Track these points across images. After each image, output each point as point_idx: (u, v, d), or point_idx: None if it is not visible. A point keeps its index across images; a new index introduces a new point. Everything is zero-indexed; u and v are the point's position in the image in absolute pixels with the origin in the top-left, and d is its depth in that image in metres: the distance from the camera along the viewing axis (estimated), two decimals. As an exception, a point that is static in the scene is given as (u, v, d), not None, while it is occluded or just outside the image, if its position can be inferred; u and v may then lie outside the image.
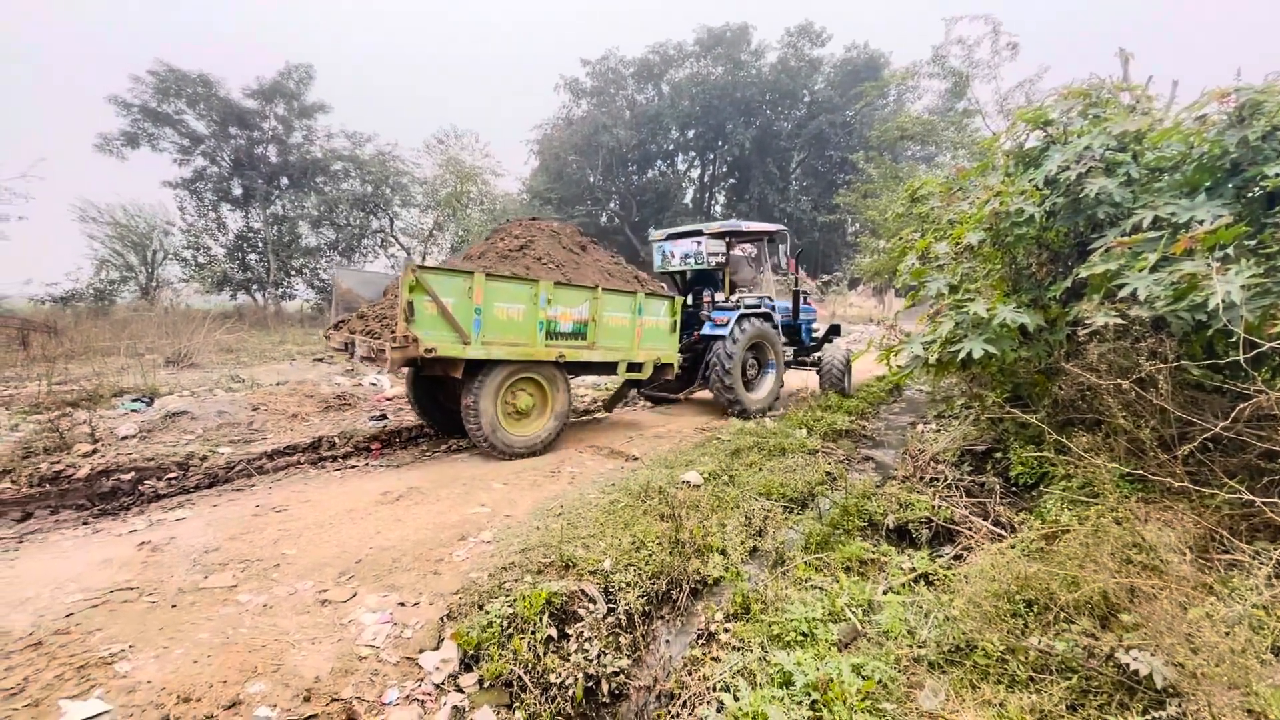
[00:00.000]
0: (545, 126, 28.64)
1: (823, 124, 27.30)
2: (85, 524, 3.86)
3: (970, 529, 3.83)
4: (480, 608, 2.97)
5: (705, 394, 8.55)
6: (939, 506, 4.23)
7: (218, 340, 11.44)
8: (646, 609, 3.21)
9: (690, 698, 2.46)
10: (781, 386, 8.18)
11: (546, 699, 2.54)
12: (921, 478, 4.91)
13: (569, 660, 2.73)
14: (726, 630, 2.89)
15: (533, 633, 2.79)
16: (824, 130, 27.42)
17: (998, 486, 4.37)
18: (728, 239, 7.97)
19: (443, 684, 2.53)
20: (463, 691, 2.51)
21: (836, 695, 2.27)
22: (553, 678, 2.62)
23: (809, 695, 2.33)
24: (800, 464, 5.47)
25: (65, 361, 10.42)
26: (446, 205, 24.20)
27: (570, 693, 2.58)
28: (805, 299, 9.22)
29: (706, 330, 7.67)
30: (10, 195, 15.01)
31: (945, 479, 4.70)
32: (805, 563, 3.51)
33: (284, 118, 23.41)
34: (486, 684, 2.56)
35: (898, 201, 10.02)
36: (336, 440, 5.63)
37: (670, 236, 8.41)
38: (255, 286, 23.08)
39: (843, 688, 2.29)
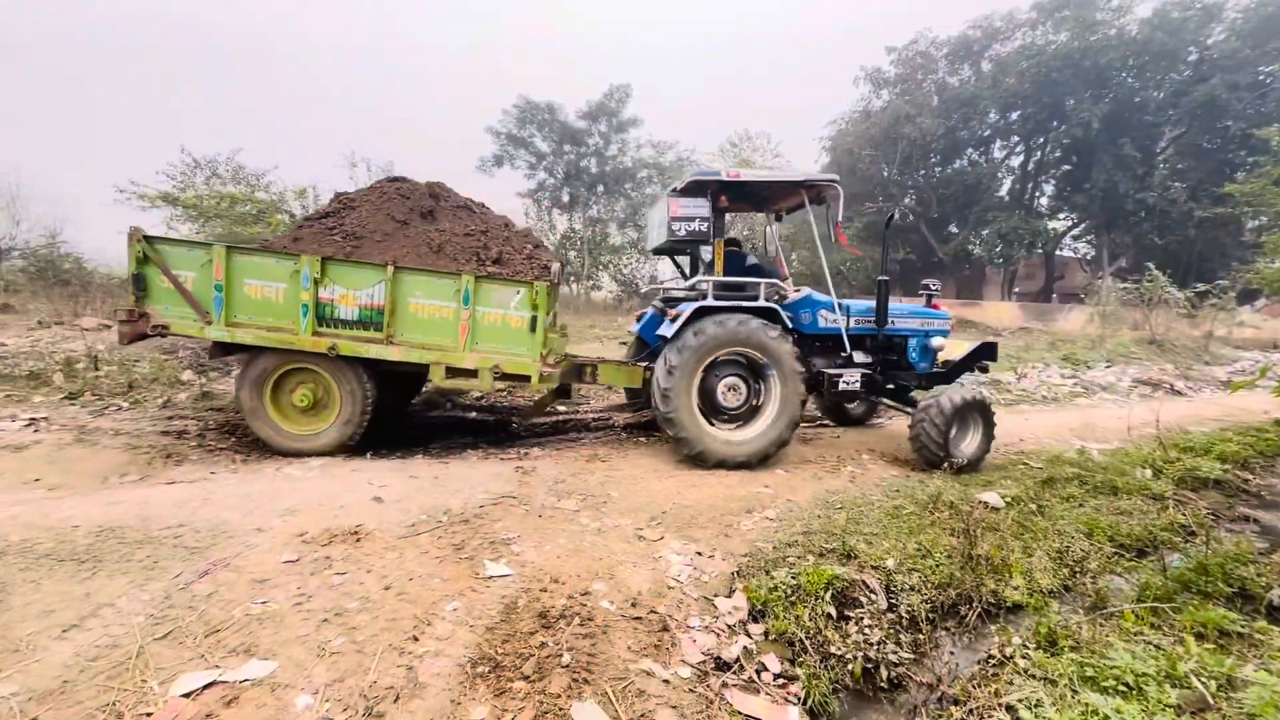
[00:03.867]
0: (840, 121, 27.91)
1: (1217, 88, 21.00)
2: (481, 449, 5.30)
3: None
4: (767, 573, 3.30)
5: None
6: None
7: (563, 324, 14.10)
8: (931, 616, 3.17)
9: (979, 708, 2.41)
10: (795, 425, 5.18)
11: (825, 666, 2.75)
12: (1339, 555, 3.71)
13: (848, 639, 2.89)
14: (1025, 658, 2.71)
15: (814, 606, 3.02)
16: (1219, 96, 21.07)
17: None
18: (713, 193, 5.17)
19: (734, 626, 2.92)
20: (750, 637, 2.87)
21: (1170, 759, 2.01)
22: (832, 649, 2.81)
23: (1131, 748, 2.10)
24: (1138, 508, 4.59)
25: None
26: (734, 205, 25.39)
27: (849, 668, 2.74)
28: (908, 293, 6.41)
29: (663, 331, 5.35)
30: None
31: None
32: (1135, 613, 3.03)
33: (604, 133, 27.21)
34: (771, 637, 2.88)
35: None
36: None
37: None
38: (571, 278, 27.43)
39: (1180, 754, 2.01)
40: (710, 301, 5.10)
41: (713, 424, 5.13)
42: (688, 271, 6.34)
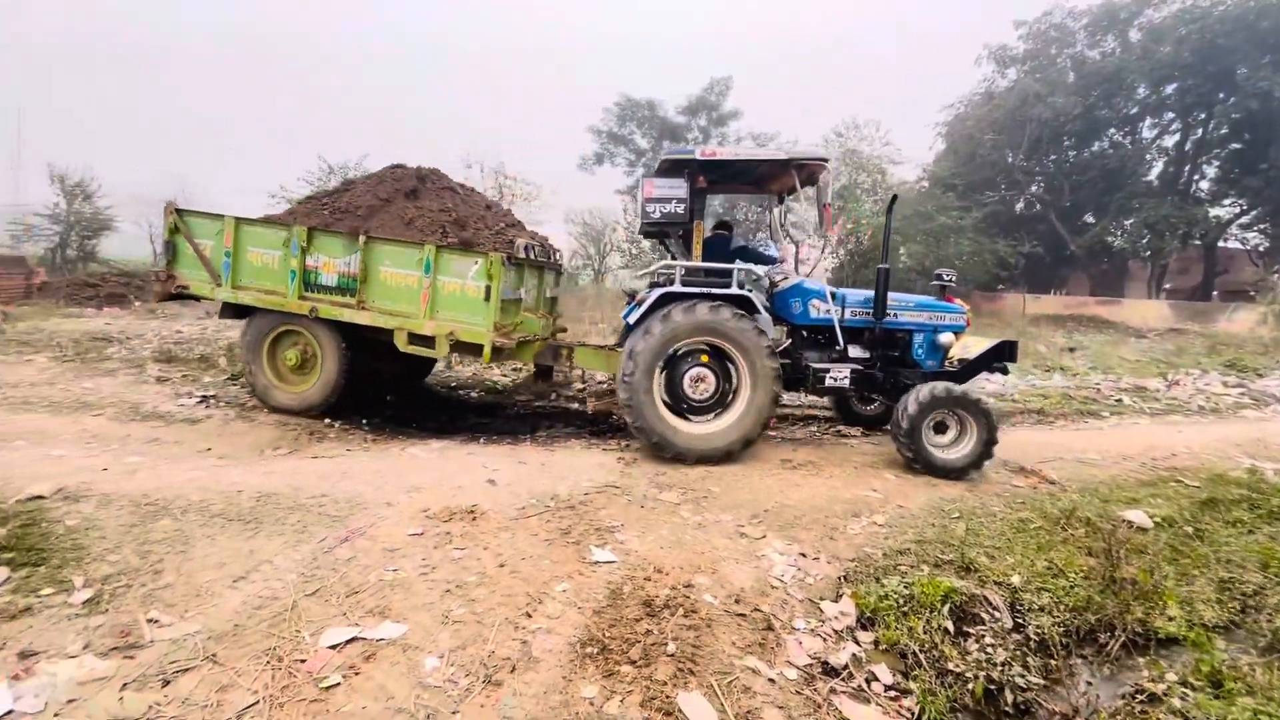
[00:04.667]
0: (958, 105, 25.97)
1: None
2: (584, 439, 5.46)
3: None
4: (876, 580, 3.16)
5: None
6: None
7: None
8: (1064, 641, 2.90)
9: (1125, 746, 2.18)
10: (766, 421, 4.86)
11: (942, 683, 2.59)
12: None
13: (968, 656, 2.71)
14: (1183, 698, 2.42)
15: (929, 618, 2.85)
16: None
17: None
18: (690, 173, 4.88)
19: (842, 632, 2.82)
20: (859, 645, 2.77)
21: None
22: (950, 665, 2.65)
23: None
24: (1328, 539, 3.94)
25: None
26: (838, 197, 24.41)
27: (969, 687, 2.57)
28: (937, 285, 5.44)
29: (628, 317, 5.10)
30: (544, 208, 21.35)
31: None
32: (1328, 661, 2.61)
33: (704, 128, 27.04)
34: (881, 647, 2.76)
35: None
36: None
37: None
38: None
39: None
40: (677, 287, 4.85)
41: (688, 417, 4.94)
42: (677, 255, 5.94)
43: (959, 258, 21.20)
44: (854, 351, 5.26)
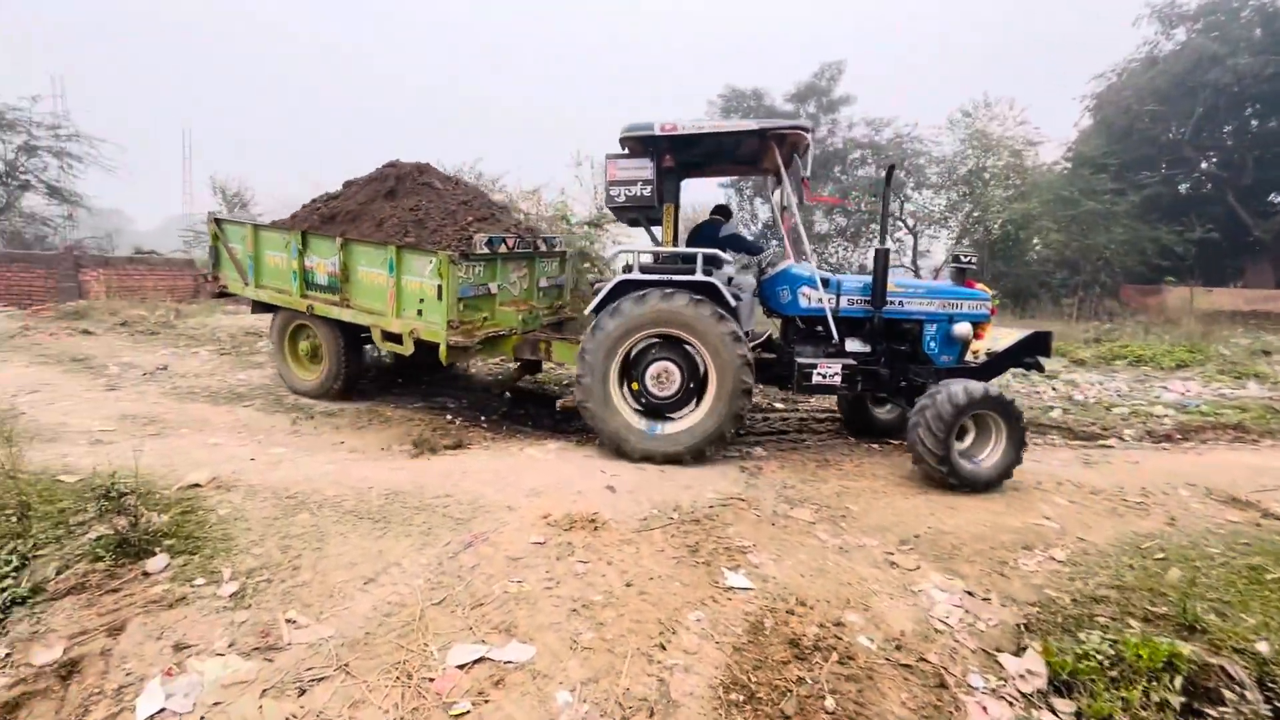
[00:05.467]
0: (1109, 75, 22.90)
1: None
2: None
3: None
4: (1068, 632, 2.63)
5: None
6: None
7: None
8: (1346, 737, 2.25)
9: None
10: (738, 419, 4.38)
11: (1179, 780, 2.06)
12: None
13: (1213, 748, 2.15)
14: None
15: (1150, 690, 2.30)
16: None
17: None
18: (655, 152, 4.42)
19: (1032, 696, 2.34)
20: (1057, 715, 2.28)
21: None
22: (1189, 758, 2.10)
23: None
24: None
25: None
26: (963, 183, 22.42)
27: (1220, 790, 2.02)
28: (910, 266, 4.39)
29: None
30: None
31: None
32: None
33: (813, 115, 25.81)
34: (1088, 721, 2.25)
35: None
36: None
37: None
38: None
39: None
40: (635, 275, 4.46)
41: (667, 416, 4.53)
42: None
43: (1109, 247, 18.75)
44: (852, 345, 4.66)
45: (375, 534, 3.09)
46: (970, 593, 2.93)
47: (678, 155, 4.66)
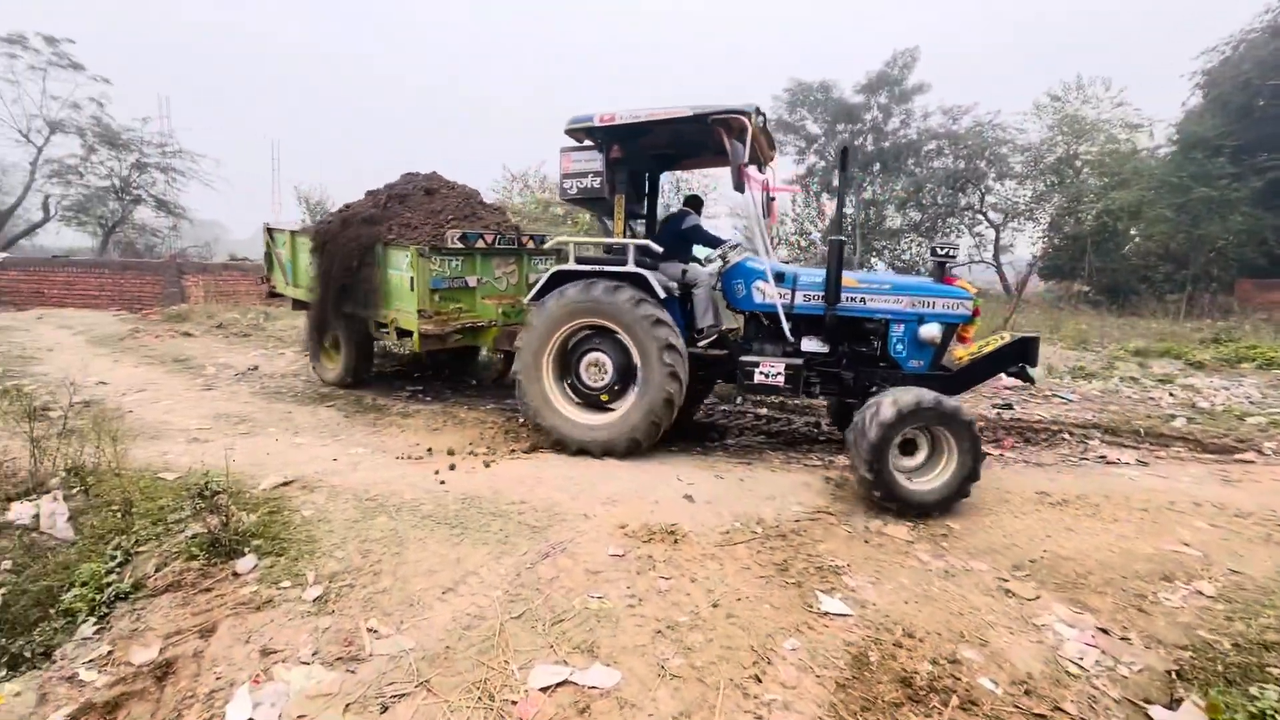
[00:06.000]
0: (1222, 49, 20.75)
1: None
2: (780, 452, 4.91)
3: None
4: (1233, 683, 2.25)
5: None
6: None
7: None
8: None
9: None
10: (667, 413, 4.24)
11: None
12: None
13: None
14: None
15: (1350, 763, 1.92)
16: None
17: None
18: (602, 143, 4.37)
19: (1197, 761, 2.00)
20: (1230, 786, 1.93)
21: None
22: None
23: None
24: None
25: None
26: (1051, 172, 20.90)
27: None
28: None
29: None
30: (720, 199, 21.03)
31: None
32: None
33: (885, 106, 24.75)
34: (1273, 797, 1.89)
35: None
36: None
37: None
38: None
39: None
40: (570, 265, 4.52)
41: (607, 406, 4.50)
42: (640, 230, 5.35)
43: (1225, 238, 16.98)
44: (809, 344, 4.39)
45: (453, 540, 3.04)
46: (1104, 629, 2.57)
47: (627, 146, 4.53)
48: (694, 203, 5.23)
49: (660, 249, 4.60)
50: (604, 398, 4.49)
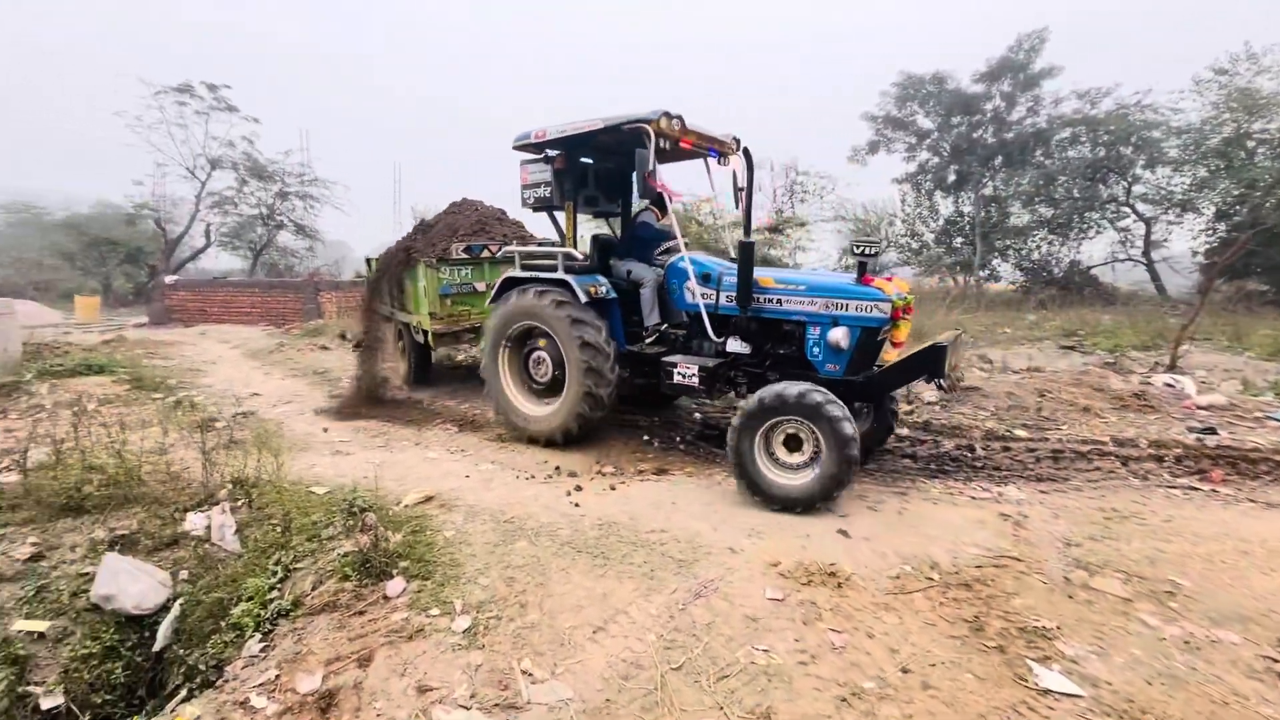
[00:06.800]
0: None
1: None
2: (940, 479, 4.38)
3: None
4: None
5: None
6: None
7: (955, 321, 12.18)
8: None
9: None
10: (590, 402, 4.52)
11: None
12: None
13: None
14: None
15: None
16: None
17: None
18: (547, 156, 4.78)
19: None
20: None
21: None
22: None
23: None
24: None
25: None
26: (1217, 155, 18.24)
27: None
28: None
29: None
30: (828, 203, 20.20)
31: None
32: None
33: (1008, 94, 22.78)
34: None
35: None
36: (1143, 445, 4.72)
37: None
38: (958, 268, 23.82)
39: None
40: (516, 273, 4.99)
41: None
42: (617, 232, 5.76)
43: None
44: (734, 345, 4.38)
45: (596, 571, 2.87)
46: None
47: (571, 157, 4.81)
48: (659, 201, 5.04)
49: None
50: (542, 390, 5.00)
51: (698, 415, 5.83)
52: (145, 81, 21.92)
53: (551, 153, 4.75)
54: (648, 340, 4.80)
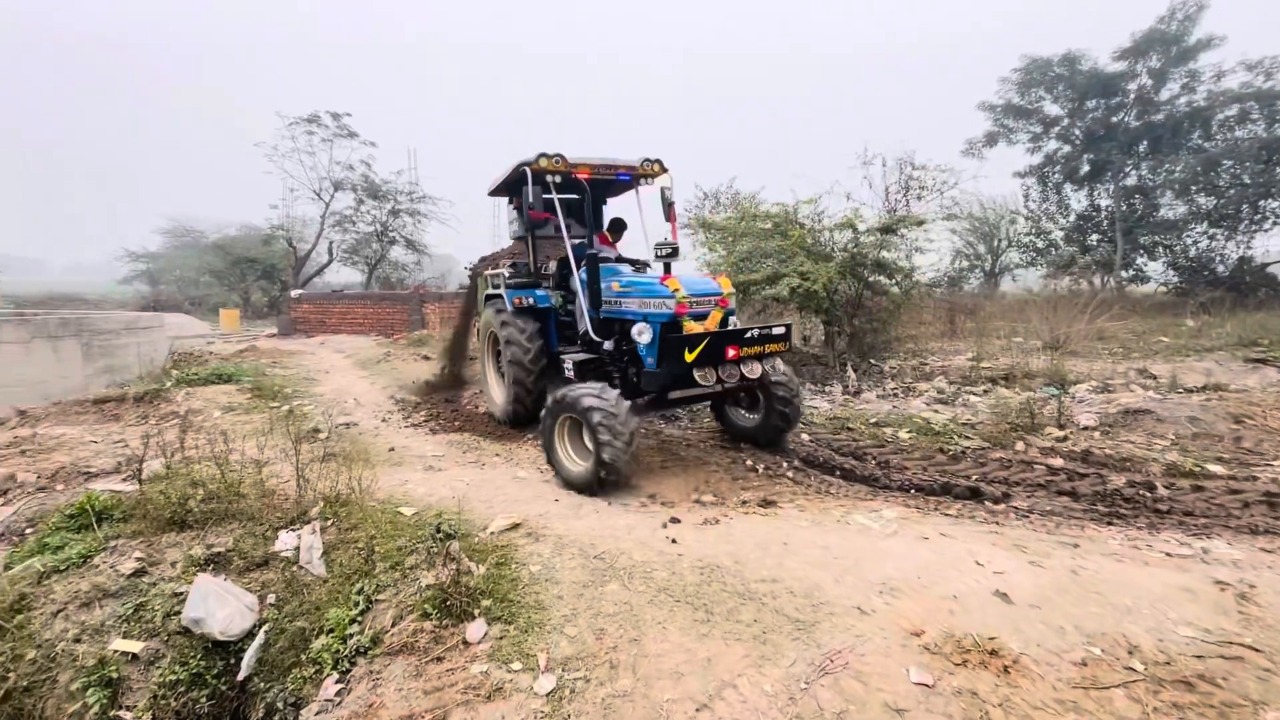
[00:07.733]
0: None
1: None
2: (1113, 525, 3.60)
3: None
4: None
5: None
6: None
7: (1099, 328, 10.70)
8: None
9: None
10: (524, 390, 5.49)
11: None
12: None
13: None
14: None
15: None
16: None
17: None
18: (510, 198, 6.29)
19: None
20: None
21: None
22: None
23: None
24: None
25: (956, 339, 12.05)
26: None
27: None
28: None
29: None
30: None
31: None
32: None
33: (1157, 71, 20.08)
34: None
35: None
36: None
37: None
38: (1095, 269, 21.23)
39: None
40: (491, 290, 6.17)
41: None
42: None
43: None
44: (608, 344, 4.88)
45: (698, 629, 2.47)
46: None
47: (518, 197, 5.72)
48: (616, 225, 5.79)
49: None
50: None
51: (805, 436, 5.27)
52: (280, 115, 24.22)
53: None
54: (577, 344, 5.42)
